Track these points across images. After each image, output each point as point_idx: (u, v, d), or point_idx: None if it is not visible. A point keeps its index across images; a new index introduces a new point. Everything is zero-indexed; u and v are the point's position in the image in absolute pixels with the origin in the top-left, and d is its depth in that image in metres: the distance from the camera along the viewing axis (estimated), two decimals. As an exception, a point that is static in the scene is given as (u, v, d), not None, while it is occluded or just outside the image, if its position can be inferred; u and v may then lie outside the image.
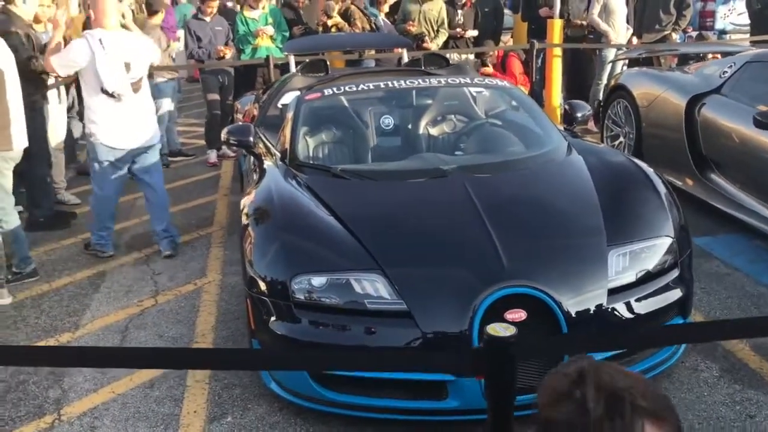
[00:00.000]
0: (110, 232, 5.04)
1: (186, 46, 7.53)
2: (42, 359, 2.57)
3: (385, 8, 9.42)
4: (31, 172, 5.61)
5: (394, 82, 4.42)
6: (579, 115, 4.41)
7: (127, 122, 4.75)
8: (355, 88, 4.39)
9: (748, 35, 9.64)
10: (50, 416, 3.21)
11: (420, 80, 4.48)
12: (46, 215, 5.64)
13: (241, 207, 3.65)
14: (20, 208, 5.94)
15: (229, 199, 6.35)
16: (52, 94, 5.82)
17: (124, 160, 4.84)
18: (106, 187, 4.87)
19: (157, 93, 7.49)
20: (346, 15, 8.39)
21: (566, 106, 4.52)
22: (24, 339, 3.93)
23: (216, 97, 7.55)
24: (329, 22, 8.14)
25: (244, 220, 3.48)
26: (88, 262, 5.00)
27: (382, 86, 4.44)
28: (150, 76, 7.49)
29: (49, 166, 5.77)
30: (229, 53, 7.52)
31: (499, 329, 1.46)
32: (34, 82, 5.29)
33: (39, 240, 5.43)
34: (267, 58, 7.43)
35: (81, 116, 6.21)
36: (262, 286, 3.08)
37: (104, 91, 4.63)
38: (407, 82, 4.41)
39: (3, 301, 4.33)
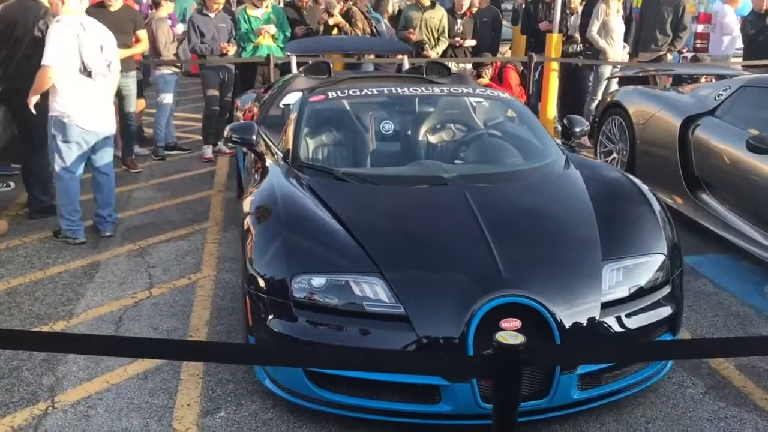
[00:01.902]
0: (80, 216, 5.11)
1: (189, 40, 7.55)
2: (38, 344, 2.58)
3: (390, 8, 9.46)
4: (33, 160, 5.62)
5: (398, 88, 4.48)
6: (577, 130, 4.49)
7: (97, 104, 5.01)
8: (359, 93, 4.44)
9: (741, 59, 9.79)
10: (44, 403, 3.23)
11: (423, 88, 4.54)
12: (50, 201, 5.63)
13: (243, 205, 3.69)
14: (12, 185, 6.02)
15: (224, 195, 6.38)
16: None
17: (88, 142, 5.03)
18: (73, 166, 5.01)
19: (162, 85, 7.54)
20: (347, 16, 8.44)
21: (565, 121, 4.59)
22: (18, 325, 3.94)
23: (215, 93, 7.57)
24: (330, 21, 8.18)
25: (246, 218, 3.51)
26: (82, 251, 5.01)
27: (386, 92, 4.50)
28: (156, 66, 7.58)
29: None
30: (232, 50, 7.55)
31: (508, 337, 1.52)
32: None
33: (34, 227, 5.45)
34: (267, 57, 7.48)
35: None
36: (262, 284, 3.12)
37: (81, 71, 4.86)
38: (411, 89, 4.47)
39: None
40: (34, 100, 4.93)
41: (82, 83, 4.90)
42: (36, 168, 5.63)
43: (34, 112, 5.02)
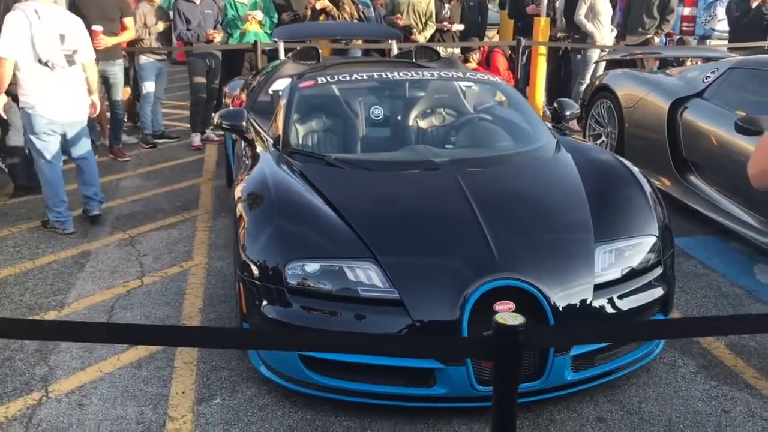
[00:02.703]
0: (66, 206, 5.09)
1: (175, 27, 7.46)
2: (30, 332, 2.56)
3: None
4: (11, 141, 5.70)
5: (388, 73, 4.46)
6: (567, 113, 4.50)
7: (61, 94, 4.89)
8: (348, 78, 4.42)
9: (726, 41, 9.83)
10: (38, 393, 3.22)
11: (413, 72, 4.52)
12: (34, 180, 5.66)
13: (234, 192, 3.67)
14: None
15: (214, 183, 6.36)
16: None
17: (58, 132, 4.97)
18: (50, 156, 4.96)
19: (141, 72, 7.46)
20: (334, 0, 8.38)
21: (555, 104, 4.60)
22: (8, 316, 3.91)
23: (202, 80, 7.52)
24: (317, 5, 8.12)
25: (238, 205, 3.49)
26: (72, 241, 4.98)
27: (376, 77, 4.48)
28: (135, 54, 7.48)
29: None
30: (218, 37, 7.48)
31: (507, 318, 1.52)
32: None
33: (22, 217, 5.41)
34: (255, 44, 7.42)
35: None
36: (255, 270, 3.11)
37: (40, 62, 4.74)
38: (401, 73, 4.45)
39: None
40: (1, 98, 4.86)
41: (42, 74, 4.77)
42: (15, 149, 5.70)
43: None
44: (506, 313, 1.55)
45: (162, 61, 7.58)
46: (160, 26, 7.45)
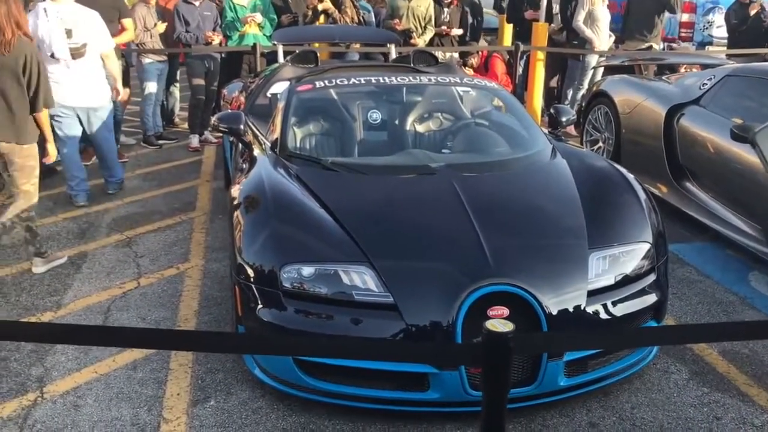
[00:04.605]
0: (79, 182, 5.68)
1: (174, 29, 7.47)
2: (26, 335, 2.58)
3: None
4: None
5: (386, 77, 4.48)
6: (564, 119, 4.52)
7: (73, 83, 5.43)
8: (346, 82, 4.43)
9: (725, 48, 9.87)
10: (33, 393, 3.23)
11: (411, 77, 4.54)
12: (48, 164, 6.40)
13: (231, 194, 3.69)
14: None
15: (211, 185, 6.37)
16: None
17: (74, 117, 5.53)
18: (65, 138, 5.56)
19: (141, 74, 7.48)
20: (337, 2, 8.39)
21: (552, 110, 4.62)
22: (5, 317, 3.92)
23: (201, 82, 7.54)
24: (320, 7, 8.12)
25: (234, 208, 3.51)
26: (69, 242, 4.99)
27: (374, 81, 4.50)
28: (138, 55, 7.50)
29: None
30: (217, 39, 7.49)
31: (497, 325, 1.54)
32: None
33: (19, 217, 5.41)
34: (254, 46, 7.43)
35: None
36: (251, 273, 3.13)
37: (49, 55, 5.28)
38: (398, 78, 4.47)
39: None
40: None
41: (52, 65, 5.26)
42: None
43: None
44: (497, 320, 1.56)
45: (163, 62, 7.60)
46: (161, 27, 7.46)
